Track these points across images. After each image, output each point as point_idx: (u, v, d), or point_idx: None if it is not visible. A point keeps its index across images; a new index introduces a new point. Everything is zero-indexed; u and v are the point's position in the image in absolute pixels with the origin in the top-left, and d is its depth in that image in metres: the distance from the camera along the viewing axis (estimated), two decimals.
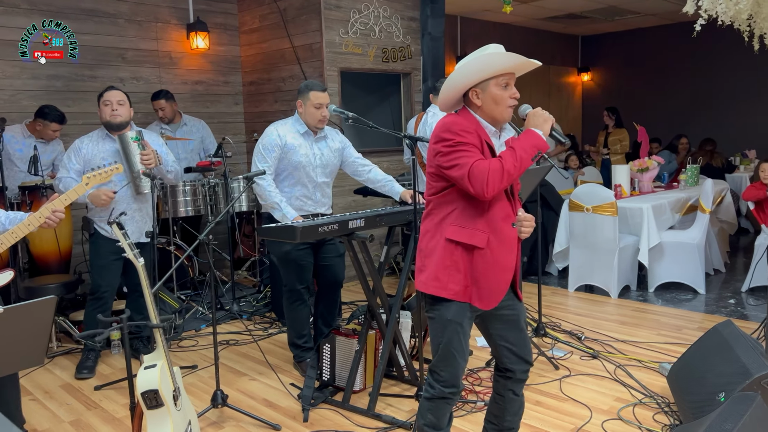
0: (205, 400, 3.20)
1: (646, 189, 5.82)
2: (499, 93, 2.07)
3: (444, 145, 2.02)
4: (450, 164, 2.01)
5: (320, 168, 3.48)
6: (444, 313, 2.11)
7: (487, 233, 2.07)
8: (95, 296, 3.63)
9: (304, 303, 3.48)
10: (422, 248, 2.16)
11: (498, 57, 2.05)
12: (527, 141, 2.03)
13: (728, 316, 4.44)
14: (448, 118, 2.09)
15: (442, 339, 2.13)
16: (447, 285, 2.06)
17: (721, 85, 9.18)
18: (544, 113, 2.09)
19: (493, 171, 1.95)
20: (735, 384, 2.47)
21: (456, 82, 2.10)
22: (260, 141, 3.40)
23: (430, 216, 2.15)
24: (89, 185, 2.82)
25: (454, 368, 2.14)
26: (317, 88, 3.35)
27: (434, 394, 2.17)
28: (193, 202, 4.82)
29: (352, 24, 5.51)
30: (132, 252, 2.23)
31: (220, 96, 6.11)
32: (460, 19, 8.67)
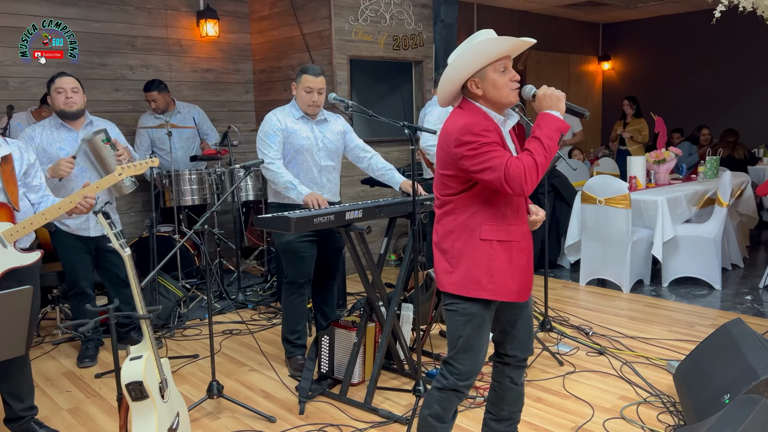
0: (203, 389, 3.19)
1: (663, 181, 5.66)
2: (499, 78, 2.01)
3: (469, 148, 1.95)
4: (480, 167, 1.94)
5: (324, 151, 3.41)
6: (469, 307, 2.07)
7: (519, 225, 2.08)
8: (75, 292, 3.59)
9: (303, 297, 3.42)
10: (446, 249, 2.09)
11: (491, 43, 1.97)
12: (549, 126, 1.96)
13: (744, 313, 4.31)
14: (462, 118, 2.00)
15: (464, 332, 2.09)
16: (486, 286, 2.03)
17: (745, 74, 8.90)
18: (555, 91, 2.01)
19: (529, 168, 1.90)
20: (741, 385, 2.37)
21: (453, 75, 2.04)
22: (261, 129, 3.35)
23: (452, 215, 2.08)
24: (123, 175, 2.75)
25: (474, 361, 2.11)
26: (311, 72, 3.27)
27: (446, 385, 2.13)
28: (200, 190, 4.80)
29: (362, 11, 5.43)
30: (118, 242, 2.20)
31: (230, 84, 6.08)
32: (477, 6, 8.52)
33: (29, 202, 2.66)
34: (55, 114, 3.48)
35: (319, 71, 3.30)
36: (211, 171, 4.88)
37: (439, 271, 2.12)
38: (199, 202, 4.84)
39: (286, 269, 3.42)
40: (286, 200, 3.33)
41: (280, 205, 3.36)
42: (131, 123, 5.28)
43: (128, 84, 5.42)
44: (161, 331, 4.09)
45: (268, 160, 3.26)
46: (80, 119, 3.50)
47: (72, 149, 3.44)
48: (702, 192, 5.37)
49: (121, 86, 5.37)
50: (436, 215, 2.15)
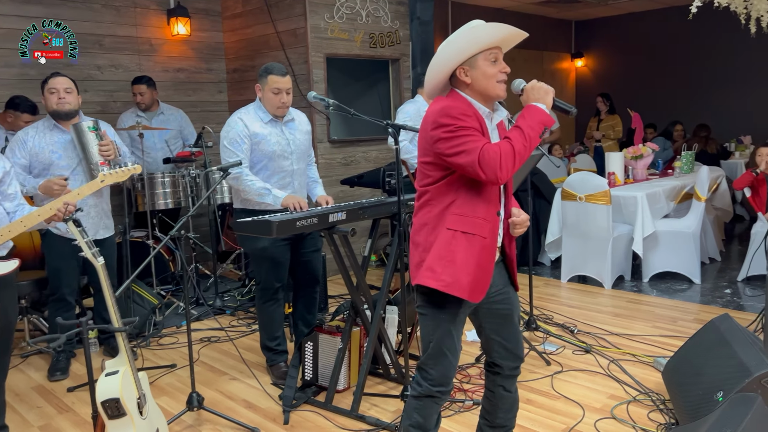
0: (183, 401, 3.06)
1: (641, 177, 5.68)
2: (489, 68, 1.94)
3: (444, 130, 1.88)
4: (454, 151, 1.87)
5: (295, 154, 3.27)
6: (437, 309, 2.00)
7: (489, 222, 1.97)
8: (55, 298, 3.47)
9: (278, 303, 3.30)
10: (420, 242, 2.01)
11: (484, 29, 1.91)
12: (533, 118, 1.90)
13: (724, 306, 4.33)
14: (442, 102, 1.94)
15: (434, 336, 2.02)
16: (440, 276, 1.93)
17: (716, 70, 9.03)
18: (543, 85, 1.95)
19: (505, 154, 1.82)
20: (733, 383, 2.35)
21: (443, 61, 1.96)
22: (225, 134, 3.15)
23: (428, 207, 2.00)
24: (105, 182, 2.64)
25: (445, 366, 2.03)
26: (277, 72, 3.11)
27: (422, 392, 2.06)
28: (173, 194, 4.66)
29: (337, 8, 5.33)
30: (90, 251, 2.08)
31: (203, 84, 5.93)
32: (452, 3, 8.48)
33: (4, 210, 2.52)
34: (48, 115, 3.41)
35: (285, 70, 3.16)
36: (185, 173, 4.73)
37: (411, 266, 2.05)
38: (173, 206, 4.70)
39: (259, 275, 3.28)
40: (255, 206, 3.17)
41: (249, 211, 3.18)
42: None
43: (96, 85, 5.24)
44: (136, 341, 3.95)
45: (236, 169, 3.08)
46: (73, 120, 3.41)
47: (65, 152, 3.35)
48: (679, 187, 5.41)
49: (89, 87, 5.18)
50: (414, 208, 2.07)
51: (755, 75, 8.67)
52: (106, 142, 3.31)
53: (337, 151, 5.46)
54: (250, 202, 3.19)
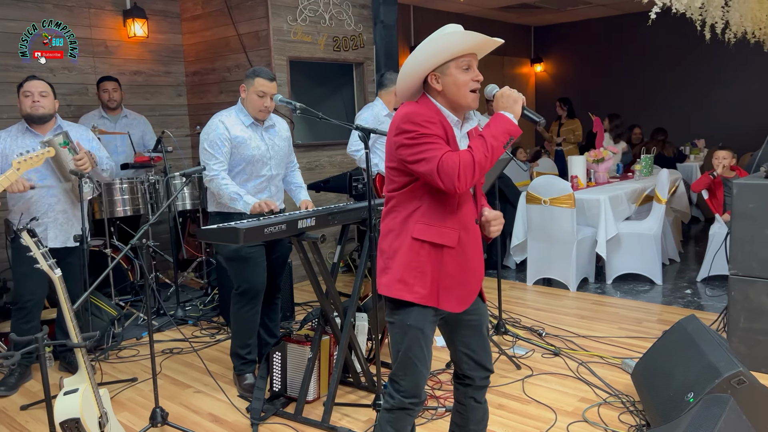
0: (145, 417, 2.94)
1: (602, 180, 5.77)
2: (461, 76, 1.91)
3: (407, 137, 1.84)
4: (415, 158, 1.83)
5: (274, 159, 3.23)
6: (405, 318, 1.95)
7: (457, 231, 1.93)
8: (18, 306, 3.31)
9: (256, 309, 3.20)
10: (385, 249, 1.98)
11: (457, 36, 1.87)
12: (497, 127, 1.86)
13: (685, 306, 4.42)
14: (408, 108, 1.90)
15: (402, 346, 1.97)
16: (413, 288, 1.90)
17: (671, 75, 9.29)
18: (513, 92, 1.92)
19: (464, 164, 1.79)
20: (704, 383, 2.37)
21: (414, 67, 1.92)
22: (205, 137, 3.10)
23: (393, 213, 1.96)
24: (21, 170, 2.56)
25: (415, 377, 1.98)
26: (265, 75, 3.09)
27: (394, 404, 2.01)
28: (132, 200, 4.50)
29: (300, 11, 5.26)
30: (47, 262, 1.96)
31: (161, 87, 5.76)
32: (413, 8, 8.49)
33: None
34: (22, 119, 3.32)
35: (273, 76, 3.13)
36: (144, 179, 4.58)
37: (378, 273, 2.01)
38: (131, 213, 4.53)
39: (237, 279, 3.19)
40: (230, 209, 3.13)
41: (223, 214, 3.15)
42: None
43: None
44: (94, 354, 3.78)
45: (212, 172, 3.05)
46: (48, 124, 3.30)
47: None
48: (640, 189, 5.51)
49: None
50: (382, 214, 2.03)
51: (709, 80, 8.95)
52: (81, 156, 3.23)
53: (301, 156, 5.38)
54: (224, 205, 3.13)
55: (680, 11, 4.10)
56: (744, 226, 3.25)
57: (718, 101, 8.92)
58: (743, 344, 3.28)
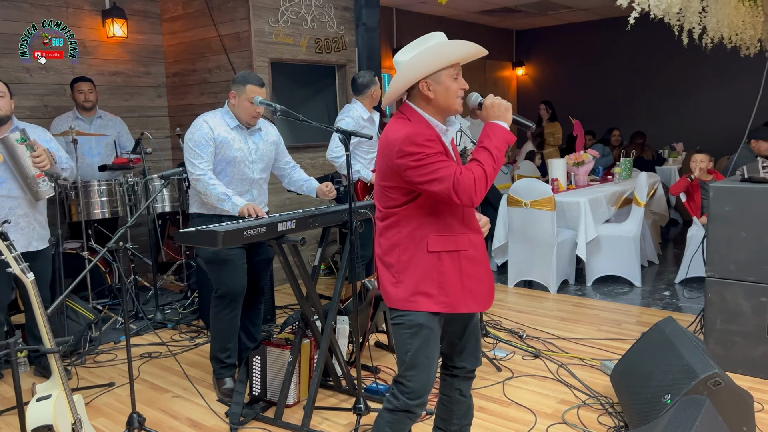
0: (122, 422, 2.90)
1: (582, 183, 5.82)
2: (452, 84, 1.96)
3: (413, 159, 1.86)
4: (426, 179, 1.86)
5: (257, 163, 3.21)
6: (415, 318, 1.97)
7: (466, 233, 1.99)
8: None
9: (235, 312, 3.17)
10: (392, 263, 1.99)
11: (454, 45, 1.93)
12: (497, 138, 1.92)
13: (664, 308, 4.47)
14: (404, 129, 1.90)
15: (412, 346, 1.98)
16: (438, 298, 1.95)
17: (650, 79, 9.41)
18: (503, 102, 1.97)
19: (479, 179, 1.85)
20: (681, 385, 2.40)
21: (409, 74, 1.95)
22: (189, 137, 3.07)
23: (396, 228, 1.98)
24: None
25: (426, 377, 2.00)
26: (256, 82, 3.07)
27: (398, 406, 2.01)
28: (110, 202, 4.44)
29: (282, 12, 5.23)
30: (19, 266, 1.92)
31: (141, 88, 5.70)
32: (396, 10, 8.50)
33: None
34: None
35: (263, 81, 3.13)
36: (123, 181, 4.52)
37: (386, 286, 2.02)
38: (109, 215, 4.47)
39: (216, 282, 3.16)
40: (213, 211, 3.10)
41: (207, 216, 3.12)
42: None
43: (26, 88, 4.95)
44: (70, 359, 3.72)
45: (199, 171, 3.02)
46: (5, 126, 3.22)
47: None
48: (619, 192, 5.56)
49: (17, 90, 4.87)
50: (378, 228, 2.05)
51: (687, 84, 9.08)
52: (39, 153, 3.13)
53: None
54: (207, 206, 3.11)
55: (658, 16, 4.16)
56: (720, 228, 3.30)
57: (696, 105, 9.05)
58: (720, 345, 3.32)
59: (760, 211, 3.17)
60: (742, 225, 3.22)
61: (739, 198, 3.24)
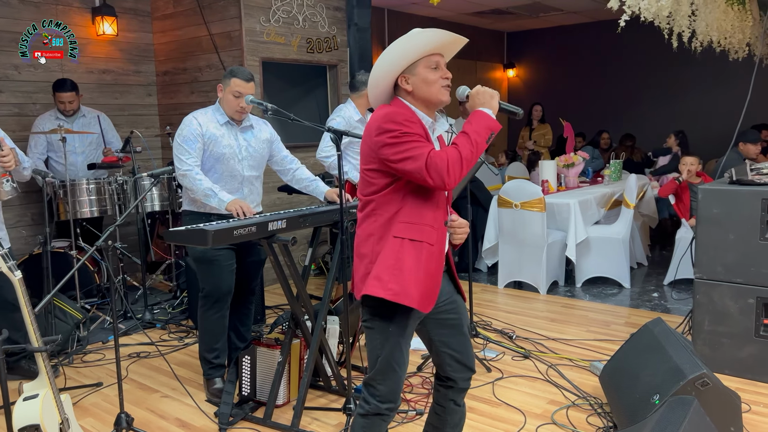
0: (110, 422, 2.88)
1: (572, 184, 5.85)
2: (430, 74, 1.93)
3: (389, 136, 1.84)
4: (400, 156, 1.83)
5: (247, 160, 3.18)
6: (385, 323, 1.93)
7: (435, 229, 1.94)
8: None
9: (222, 312, 3.15)
10: (366, 253, 1.94)
11: (421, 35, 1.90)
12: (479, 123, 1.88)
13: (652, 309, 4.50)
14: (386, 108, 1.91)
15: (383, 350, 1.95)
16: (387, 284, 1.87)
17: (639, 82, 9.47)
18: (488, 89, 1.95)
19: (453, 160, 1.80)
20: (669, 385, 2.41)
21: (382, 72, 1.93)
22: (179, 133, 3.06)
23: (373, 216, 1.93)
24: None
25: (393, 382, 1.97)
26: (241, 75, 3.05)
27: (369, 410, 1.99)
28: (98, 201, 4.40)
29: (273, 12, 5.22)
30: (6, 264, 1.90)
31: (131, 86, 5.66)
32: (388, 11, 8.51)
33: None
34: None
35: (250, 76, 3.08)
36: (112, 180, 4.49)
37: (357, 279, 1.97)
38: (98, 214, 4.44)
39: (203, 282, 3.14)
40: (203, 209, 3.09)
41: (196, 213, 3.11)
42: (18, 128, 4.79)
43: (14, 85, 4.90)
44: (58, 358, 3.69)
45: (186, 167, 3.00)
46: None
47: None
48: (609, 194, 5.59)
49: (5, 87, 4.85)
50: (358, 219, 2.00)
51: (677, 87, 9.14)
52: (6, 153, 3.04)
53: None
54: (197, 203, 3.09)
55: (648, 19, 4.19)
56: (709, 231, 3.32)
57: (686, 108, 9.11)
58: (707, 346, 3.35)
59: (748, 213, 3.20)
60: (730, 227, 3.25)
61: (727, 200, 3.27)
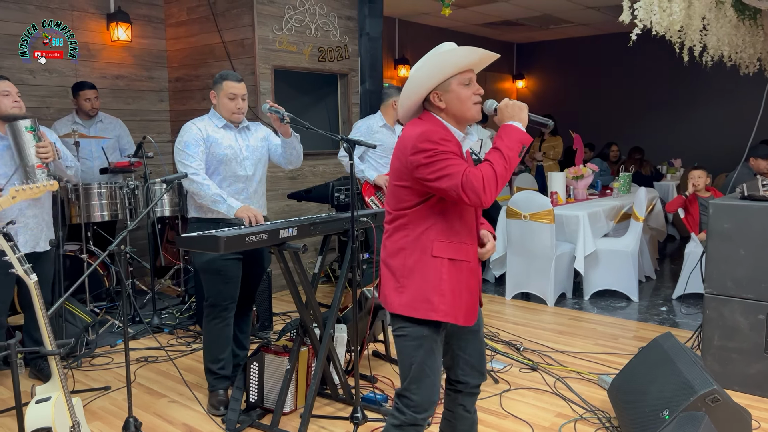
0: (117, 426, 2.89)
1: (581, 196, 5.84)
2: (463, 91, 1.94)
3: (425, 156, 1.85)
4: (436, 175, 1.84)
5: (248, 159, 3.17)
6: (419, 330, 1.95)
7: (472, 245, 1.98)
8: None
9: (226, 322, 3.14)
10: (397, 266, 1.97)
11: (456, 52, 1.91)
12: (510, 138, 1.89)
13: (661, 324, 4.48)
14: (421, 127, 1.92)
15: (416, 358, 1.96)
16: (438, 306, 1.92)
17: (650, 95, 9.47)
18: (517, 102, 1.95)
19: (488, 178, 1.82)
20: (679, 401, 2.40)
21: (416, 87, 1.95)
22: (179, 140, 3.06)
23: (404, 231, 1.96)
24: (16, 199, 2.45)
25: (429, 390, 1.98)
26: (232, 78, 3.08)
27: (404, 420, 1.99)
28: (110, 205, 4.44)
29: (286, 20, 5.26)
30: (23, 267, 1.92)
31: (144, 92, 5.72)
32: (398, 21, 8.56)
33: None
34: None
35: (241, 77, 3.12)
36: (123, 185, 4.52)
37: (387, 291, 1.99)
38: (109, 218, 4.47)
39: (207, 291, 3.14)
40: (209, 215, 3.09)
41: (203, 220, 3.11)
42: None
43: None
44: (66, 361, 3.71)
45: (191, 171, 2.99)
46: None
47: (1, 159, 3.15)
48: (618, 207, 5.58)
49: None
50: (386, 230, 2.02)
51: (687, 101, 9.14)
52: (45, 144, 3.12)
53: None
54: (204, 209, 3.08)
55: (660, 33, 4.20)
56: (719, 245, 3.31)
57: (695, 122, 9.11)
58: (717, 362, 3.33)
59: (759, 229, 3.19)
60: (741, 242, 3.24)
61: (738, 215, 3.26)
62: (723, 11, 4.57)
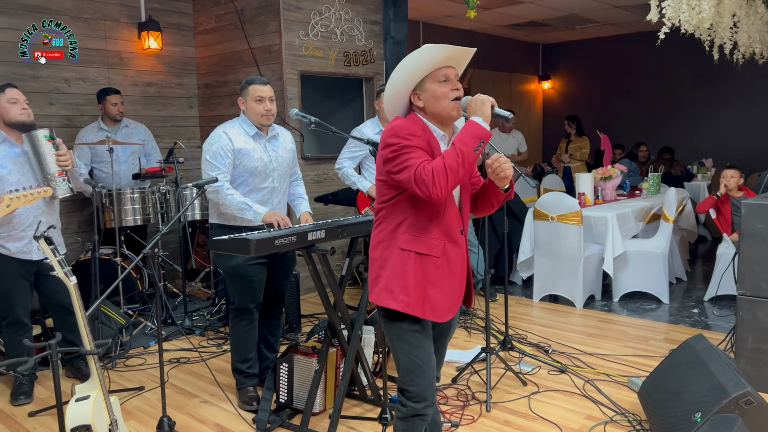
0: (152, 426, 2.96)
1: (610, 197, 5.79)
2: (438, 88, 1.96)
3: (391, 150, 1.92)
4: (398, 168, 1.91)
5: (277, 171, 3.23)
6: (399, 324, 2.01)
7: (442, 241, 2.00)
8: (10, 321, 3.30)
9: (252, 324, 3.21)
10: (376, 258, 2.05)
11: (425, 51, 1.93)
12: (465, 132, 1.90)
13: (692, 326, 4.41)
14: (395, 122, 1.98)
15: (403, 351, 2.02)
16: (398, 296, 1.97)
17: (679, 94, 9.32)
18: (480, 96, 1.96)
19: (437, 170, 1.84)
20: (711, 403, 2.37)
21: (393, 91, 1.99)
22: (207, 148, 3.11)
23: (383, 224, 2.04)
24: (12, 207, 2.49)
25: (422, 379, 2.01)
26: (258, 81, 3.13)
27: (407, 413, 2.04)
28: (142, 210, 4.54)
29: (312, 26, 5.32)
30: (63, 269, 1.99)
31: (174, 99, 5.83)
32: (423, 24, 8.58)
33: None
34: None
35: (266, 80, 3.16)
36: (155, 189, 4.62)
37: (369, 281, 2.07)
38: (141, 223, 4.58)
39: (233, 295, 3.21)
40: (232, 221, 3.14)
41: (226, 227, 3.15)
42: (67, 139, 4.96)
43: (63, 97, 5.10)
44: (102, 362, 3.80)
45: (217, 183, 3.02)
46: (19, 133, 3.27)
47: (14, 167, 3.20)
48: (647, 208, 5.51)
49: (55, 100, 5.05)
50: (372, 225, 2.10)
51: (717, 100, 8.98)
52: (64, 152, 3.17)
53: (310, 169, 5.42)
54: (227, 217, 3.14)
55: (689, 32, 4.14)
56: (752, 246, 3.26)
57: (725, 122, 8.94)
58: (751, 365, 3.27)
59: None
60: None
61: None
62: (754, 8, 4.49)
